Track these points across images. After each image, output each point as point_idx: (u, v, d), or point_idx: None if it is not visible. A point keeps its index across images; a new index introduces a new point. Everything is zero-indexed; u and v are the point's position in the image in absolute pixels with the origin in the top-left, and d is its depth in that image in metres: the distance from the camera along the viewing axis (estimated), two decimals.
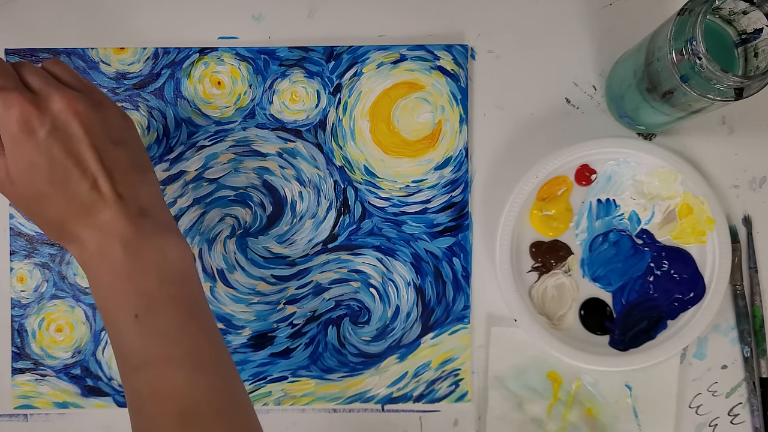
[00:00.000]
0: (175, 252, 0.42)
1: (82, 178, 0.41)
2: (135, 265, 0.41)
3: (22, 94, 0.40)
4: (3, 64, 0.42)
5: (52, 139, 0.40)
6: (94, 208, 0.41)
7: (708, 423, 0.55)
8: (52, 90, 0.41)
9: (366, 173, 0.55)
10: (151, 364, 0.41)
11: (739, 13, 0.44)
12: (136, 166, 0.43)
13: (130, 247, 0.41)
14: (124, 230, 0.41)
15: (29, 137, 0.40)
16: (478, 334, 0.55)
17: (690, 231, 0.53)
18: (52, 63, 0.44)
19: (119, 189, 0.42)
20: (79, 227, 0.42)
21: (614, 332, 0.53)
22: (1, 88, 0.40)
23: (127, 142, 0.43)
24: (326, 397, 0.55)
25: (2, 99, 0.40)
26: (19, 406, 0.54)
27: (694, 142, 0.55)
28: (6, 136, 0.40)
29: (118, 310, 0.41)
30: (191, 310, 0.42)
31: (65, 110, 0.41)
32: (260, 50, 0.55)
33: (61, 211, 0.41)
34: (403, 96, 0.55)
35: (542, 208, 0.53)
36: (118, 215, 0.41)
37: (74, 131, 0.41)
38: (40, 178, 0.41)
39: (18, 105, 0.40)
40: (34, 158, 0.40)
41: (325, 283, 0.55)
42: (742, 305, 0.54)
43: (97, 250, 0.41)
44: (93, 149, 0.41)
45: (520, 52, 0.55)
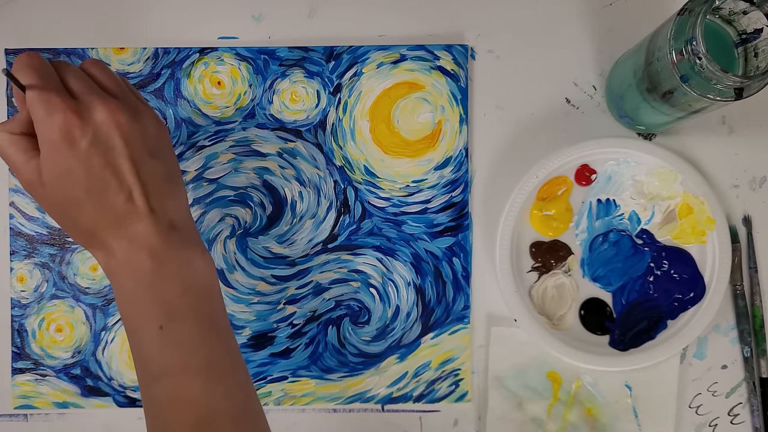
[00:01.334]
0: (200, 265, 0.43)
1: (119, 191, 0.41)
2: (160, 276, 0.41)
3: (64, 100, 0.40)
4: (45, 63, 0.41)
5: (93, 150, 0.40)
6: (126, 220, 0.41)
7: (708, 423, 0.55)
8: (94, 99, 0.41)
9: (366, 173, 0.55)
10: (170, 373, 0.41)
11: (739, 13, 0.44)
12: (169, 179, 0.43)
13: (157, 259, 0.41)
14: (154, 242, 0.42)
15: (70, 146, 0.40)
16: (478, 334, 0.55)
17: (690, 231, 0.53)
18: (92, 64, 0.44)
19: (152, 202, 0.42)
20: (109, 236, 0.42)
21: (614, 332, 0.53)
22: (43, 88, 0.40)
23: (162, 154, 0.43)
24: (326, 397, 0.55)
25: (45, 102, 0.40)
26: (19, 406, 0.54)
27: (694, 142, 0.55)
28: (45, 141, 0.40)
29: (141, 318, 0.42)
30: (212, 322, 0.43)
31: (107, 122, 0.40)
32: (260, 50, 0.55)
33: (93, 219, 0.41)
34: (403, 96, 0.55)
35: (542, 208, 0.53)
36: (149, 228, 0.41)
37: (115, 143, 0.41)
38: (75, 186, 0.40)
39: (61, 112, 0.39)
40: (71, 166, 0.40)
41: (325, 283, 0.55)
42: (742, 305, 0.54)
43: (124, 259, 0.42)
44: (131, 162, 0.41)
45: (520, 52, 0.55)
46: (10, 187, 0.55)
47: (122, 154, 0.41)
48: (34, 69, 0.40)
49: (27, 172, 0.41)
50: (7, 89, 0.55)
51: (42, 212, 0.55)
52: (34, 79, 0.40)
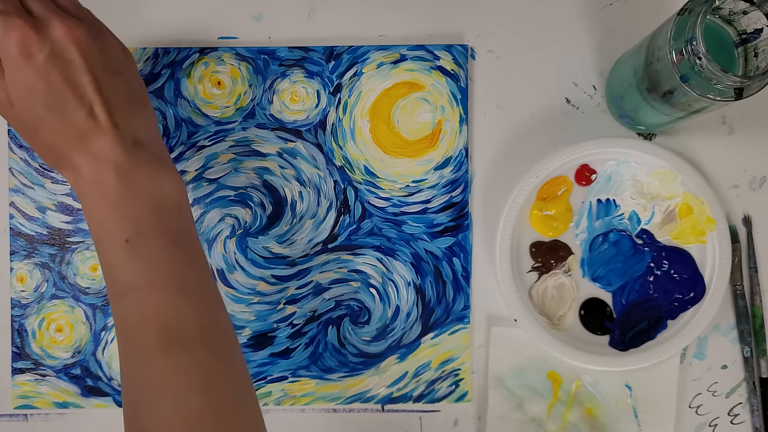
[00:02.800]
0: (168, 183, 0.43)
1: (79, 105, 0.42)
2: (127, 192, 0.42)
3: (22, 17, 0.40)
4: None
5: (51, 64, 0.41)
6: (89, 135, 0.42)
7: (708, 423, 0.55)
8: (52, 16, 0.41)
9: (366, 173, 0.55)
10: (136, 289, 0.41)
11: (739, 13, 0.44)
12: (133, 98, 0.44)
13: (123, 175, 0.42)
14: (119, 158, 0.42)
15: (28, 61, 0.40)
16: (478, 334, 0.55)
17: (690, 231, 0.53)
18: None
19: (115, 118, 0.42)
20: (75, 154, 0.42)
21: (614, 332, 0.53)
22: (1, 12, 0.40)
23: (126, 74, 0.44)
24: (326, 397, 0.55)
25: (2, 22, 0.40)
26: (19, 406, 0.54)
27: (694, 142, 0.55)
28: (5, 60, 0.41)
29: (109, 235, 0.42)
30: (180, 239, 0.43)
31: (65, 36, 0.41)
32: (260, 50, 0.55)
33: (58, 136, 0.42)
34: (403, 96, 0.55)
35: (542, 208, 0.53)
36: (113, 143, 0.42)
37: (73, 58, 0.41)
38: (37, 102, 0.41)
39: (18, 28, 0.40)
40: (32, 82, 0.41)
41: (325, 283, 0.55)
42: (742, 305, 0.54)
43: (91, 176, 0.42)
44: (91, 77, 0.42)
45: (520, 52, 0.55)
46: (10, 187, 0.55)
47: (81, 68, 0.41)
48: None
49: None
50: None
51: (42, 212, 0.55)
52: None
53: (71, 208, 0.55)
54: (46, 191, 0.55)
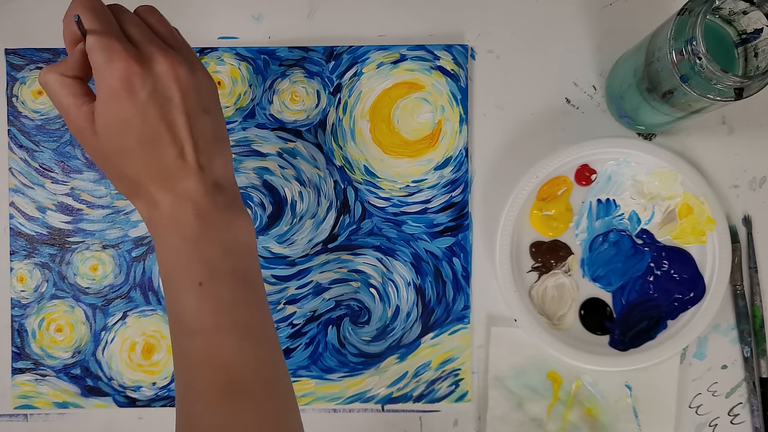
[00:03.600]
0: (241, 224, 0.43)
1: (171, 145, 0.41)
2: (204, 234, 0.41)
3: (126, 48, 0.39)
4: (104, 7, 0.40)
5: (151, 100, 0.40)
6: (175, 175, 0.41)
7: (708, 423, 0.55)
8: (155, 49, 0.40)
9: (366, 173, 0.55)
10: (204, 332, 0.41)
11: (739, 13, 0.44)
12: (217, 136, 0.43)
13: (202, 216, 0.41)
14: (200, 199, 0.41)
15: (129, 95, 0.39)
16: (478, 334, 0.55)
17: (690, 231, 0.53)
18: (148, 11, 0.43)
19: (201, 159, 0.42)
20: (155, 188, 0.41)
21: (614, 332, 0.53)
22: (104, 34, 0.39)
23: (213, 111, 0.43)
24: (326, 397, 0.55)
25: (106, 48, 0.39)
26: (19, 406, 0.54)
27: (694, 142, 0.55)
28: (103, 88, 0.39)
29: (181, 274, 0.41)
30: (249, 282, 0.43)
31: (167, 73, 0.40)
32: (260, 50, 0.55)
33: (142, 170, 0.41)
34: (403, 96, 0.55)
35: (542, 208, 0.53)
36: (197, 185, 0.41)
37: (172, 95, 0.40)
38: (129, 135, 0.40)
39: (123, 60, 0.39)
40: (128, 116, 0.39)
41: (325, 283, 0.55)
42: (742, 305, 0.54)
43: (170, 213, 0.41)
44: (186, 116, 0.41)
45: (520, 52, 0.55)
46: (10, 187, 0.55)
47: (179, 107, 0.40)
48: (94, 12, 0.39)
49: (78, 118, 0.41)
50: (6, 89, 0.55)
51: (42, 212, 0.55)
52: (95, 24, 0.39)
53: (71, 208, 0.55)
54: (46, 191, 0.55)
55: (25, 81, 0.55)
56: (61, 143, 0.55)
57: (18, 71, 0.55)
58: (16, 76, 0.55)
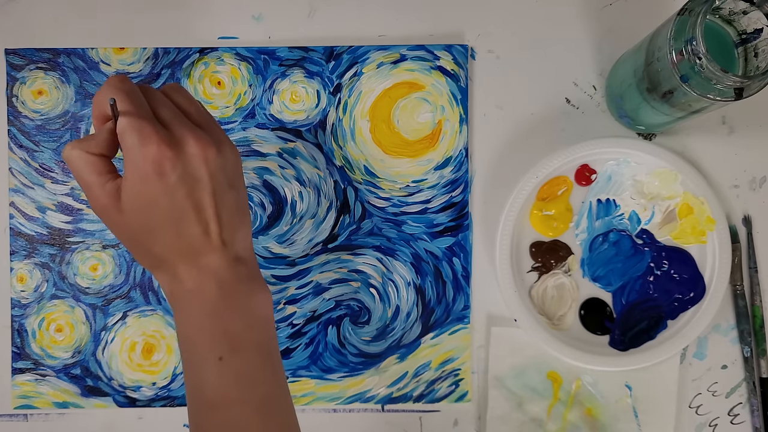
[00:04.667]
0: (261, 297, 0.43)
1: (197, 223, 0.41)
2: (226, 308, 0.42)
3: (158, 131, 0.39)
4: (135, 89, 0.41)
5: (181, 182, 0.40)
6: (199, 251, 0.41)
7: (708, 423, 0.55)
8: (186, 131, 0.41)
9: (366, 173, 0.55)
10: (227, 405, 0.41)
11: (739, 13, 0.44)
12: (240, 210, 0.43)
13: (225, 291, 0.42)
14: (223, 274, 0.42)
15: (159, 178, 0.39)
16: (478, 334, 0.55)
17: (690, 231, 0.53)
18: (175, 90, 0.43)
19: (224, 234, 0.42)
20: (180, 264, 0.42)
21: (614, 332, 0.53)
22: (136, 115, 0.39)
23: (238, 186, 0.43)
24: (326, 397, 0.55)
25: (138, 131, 0.39)
26: (19, 406, 0.54)
27: (694, 142, 0.55)
28: (133, 170, 0.39)
29: (202, 347, 0.41)
30: (270, 356, 0.43)
31: (198, 155, 0.40)
32: (260, 50, 0.55)
33: (165, 248, 0.41)
34: (403, 96, 0.55)
35: (542, 208, 0.53)
36: (220, 261, 0.42)
37: (201, 176, 0.41)
38: (155, 215, 0.40)
39: (155, 144, 0.39)
40: (157, 197, 0.40)
41: (325, 283, 0.55)
42: (742, 305, 0.54)
43: (192, 287, 0.42)
44: (212, 195, 0.41)
45: (520, 52, 0.55)
46: (10, 187, 0.55)
47: (206, 187, 0.41)
48: (126, 94, 0.40)
49: (102, 196, 0.41)
50: (6, 89, 0.55)
51: (42, 212, 0.55)
52: (128, 106, 0.40)
53: (71, 208, 0.55)
54: (46, 191, 0.55)
55: (25, 81, 0.55)
56: (61, 143, 0.55)
57: (18, 71, 0.55)
58: (16, 76, 0.55)
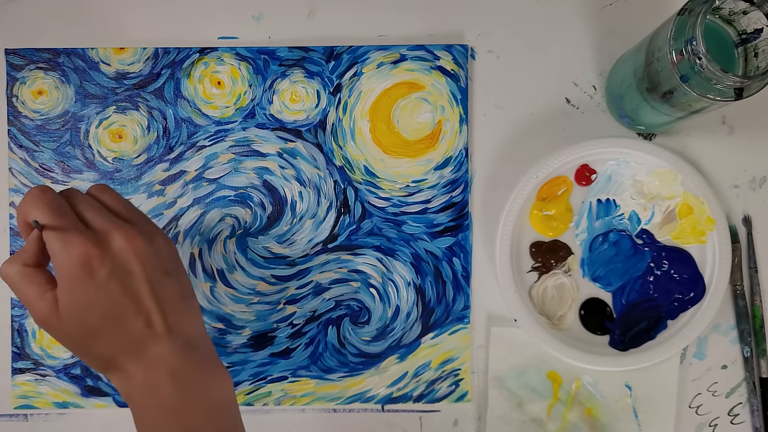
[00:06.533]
0: (220, 382, 0.43)
1: (137, 315, 0.41)
2: (182, 398, 0.41)
3: (82, 233, 0.39)
4: (56, 197, 0.41)
5: (112, 278, 0.40)
6: (144, 343, 0.41)
7: (708, 423, 0.55)
8: (110, 227, 0.41)
9: (366, 173, 0.55)
10: None
11: (739, 13, 0.44)
12: (183, 295, 0.43)
13: (179, 382, 0.41)
14: (174, 363, 0.41)
15: (90, 277, 0.39)
16: (478, 334, 0.55)
17: (690, 231, 0.53)
18: (100, 190, 0.44)
19: (169, 321, 0.41)
20: (128, 361, 0.41)
21: (614, 332, 0.53)
22: (61, 228, 0.39)
23: (175, 271, 0.43)
24: (326, 397, 0.55)
25: (62, 238, 0.39)
26: (19, 406, 0.54)
27: (694, 142, 0.55)
28: (63, 274, 0.40)
29: None
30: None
31: (125, 248, 0.40)
32: (260, 50, 0.55)
33: (111, 346, 0.41)
34: (403, 96, 0.55)
35: (542, 208, 0.53)
36: (168, 349, 0.41)
37: (133, 268, 0.40)
38: (93, 316, 0.40)
39: (80, 245, 0.39)
40: (91, 297, 0.40)
41: (325, 283, 0.55)
42: (742, 305, 0.54)
43: (144, 383, 0.41)
44: (148, 284, 0.41)
45: (520, 52, 0.55)
46: (10, 187, 0.55)
47: (140, 278, 0.41)
48: (47, 204, 0.40)
49: (42, 307, 0.40)
50: (6, 89, 0.55)
51: None
52: (49, 217, 0.40)
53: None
54: None
55: (25, 81, 0.55)
56: (61, 143, 0.55)
57: (18, 71, 0.55)
58: (16, 76, 0.55)
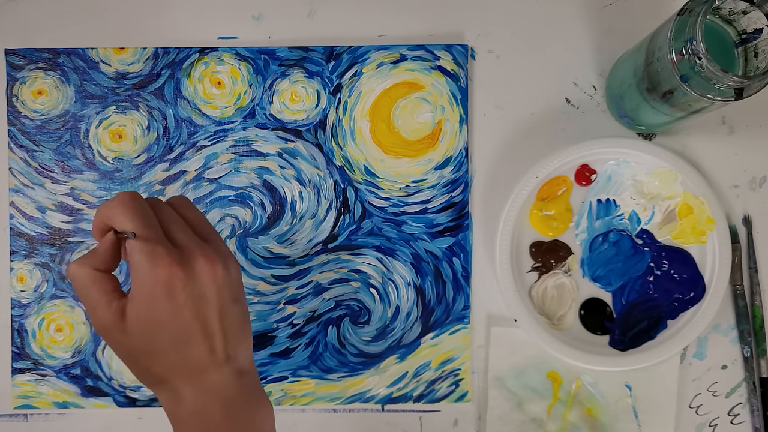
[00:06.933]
0: (264, 412, 0.42)
1: (203, 341, 0.40)
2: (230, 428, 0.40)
3: (169, 252, 0.38)
4: (146, 207, 0.40)
5: (189, 302, 0.39)
6: (204, 370, 0.40)
7: (708, 423, 0.55)
8: (195, 249, 0.40)
9: (366, 173, 0.55)
10: None
11: (739, 13, 0.44)
12: (244, 323, 0.42)
13: (229, 410, 0.40)
14: (228, 392, 0.41)
15: (169, 299, 0.38)
16: (478, 334, 0.55)
17: (690, 231, 0.53)
18: (183, 204, 0.42)
19: (229, 349, 0.41)
20: (182, 383, 0.40)
21: (614, 332, 0.53)
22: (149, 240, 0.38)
23: (241, 299, 0.42)
24: (326, 397, 0.55)
25: (150, 253, 0.38)
26: (19, 406, 0.54)
27: (694, 142, 0.55)
28: (141, 289, 0.38)
29: None
30: None
31: (207, 274, 0.39)
32: (260, 50, 0.55)
33: (169, 367, 0.40)
34: (403, 96, 0.55)
35: (542, 208, 0.53)
36: (225, 377, 0.40)
37: (209, 294, 0.40)
38: (162, 335, 0.39)
39: (167, 265, 0.38)
40: (163, 318, 0.39)
41: (325, 283, 0.55)
42: (742, 305, 0.54)
43: (194, 407, 0.40)
44: (219, 312, 0.40)
45: (520, 52, 0.55)
46: (10, 187, 0.55)
47: (213, 305, 0.40)
48: (137, 213, 0.39)
49: (107, 315, 0.39)
50: (6, 89, 0.55)
51: (42, 212, 0.55)
52: (139, 227, 0.38)
53: (71, 208, 0.55)
54: (46, 191, 0.55)
55: (25, 81, 0.55)
56: (61, 143, 0.55)
57: (18, 71, 0.55)
58: (16, 76, 0.55)
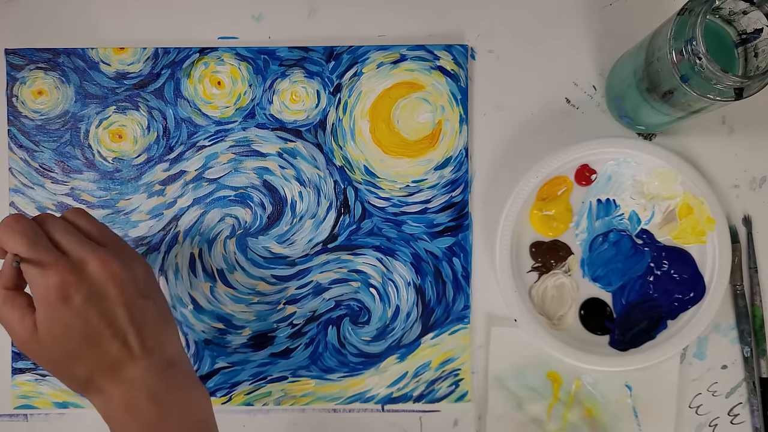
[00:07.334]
0: (198, 399, 0.43)
1: (114, 337, 0.41)
2: (162, 419, 0.42)
3: (57, 259, 0.40)
4: (30, 224, 0.41)
5: (89, 303, 0.41)
6: (123, 365, 0.42)
7: (708, 423, 0.55)
8: (86, 252, 0.41)
9: (366, 173, 0.55)
10: None
11: (739, 13, 0.44)
12: (161, 317, 0.44)
13: (158, 402, 0.42)
14: (153, 385, 0.42)
15: (66, 303, 0.40)
16: (478, 334, 0.55)
17: (690, 231, 0.53)
18: (75, 214, 0.44)
19: (148, 343, 0.42)
20: (106, 382, 0.42)
21: (614, 332, 0.53)
22: (33, 250, 0.40)
23: (152, 294, 0.44)
24: (326, 397, 0.55)
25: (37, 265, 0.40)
26: (19, 406, 0.54)
27: (694, 142, 0.55)
28: (40, 301, 0.40)
29: None
30: None
31: (101, 273, 0.41)
32: (260, 50, 0.55)
33: (89, 368, 0.42)
34: (403, 96, 0.55)
35: (542, 208, 0.53)
36: (146, 371, 0.42)
37: (109, 292, 0.41)
38: (71, 339, 0.41)
39: (55, 272, 0.40)
40: (68, 322, 0.40)
41: (325, 283, 0.55)
42: (742, 305, 0.54)
43: (123, 404, 0.42)
44: (125, 308, 0.42)
45: (520, 52, 0.55)
46: (10, 187, 0.55)
47: (116, 301, 0.41)
48: (21, 234, 0.41)
49: (22, 330, 0.41)
50: (6, 89, 0.55)
51: (42, 212, 0.54)
52: (23, 247, 0.40)
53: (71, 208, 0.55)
54: (46, 191, 0.55)
55: (25, 81, 0.55)
56: (61, 143, 0.55)
57: (18, 71, 0.55)
58: (16, 76, 0.55)
